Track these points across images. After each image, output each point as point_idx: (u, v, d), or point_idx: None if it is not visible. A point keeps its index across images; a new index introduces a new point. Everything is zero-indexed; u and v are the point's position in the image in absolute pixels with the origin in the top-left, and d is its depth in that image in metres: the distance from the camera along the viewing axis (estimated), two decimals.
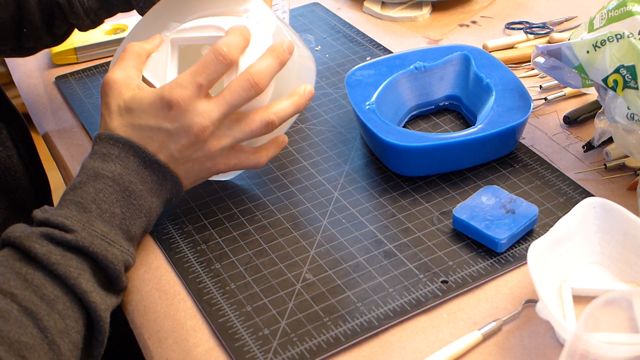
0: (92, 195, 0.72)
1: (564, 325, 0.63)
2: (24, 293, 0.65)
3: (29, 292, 0.66)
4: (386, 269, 0.76)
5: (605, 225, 0.73)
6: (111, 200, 0.73)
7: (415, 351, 0.68)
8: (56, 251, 0.68)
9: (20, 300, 0.65)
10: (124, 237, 0.73)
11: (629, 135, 0.79)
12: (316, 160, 0.91)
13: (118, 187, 0.73)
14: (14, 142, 0.93)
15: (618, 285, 0.71)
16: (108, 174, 0.73)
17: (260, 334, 0.70)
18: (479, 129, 0.85)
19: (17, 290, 0.65)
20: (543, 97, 0.97)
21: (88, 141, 0.99)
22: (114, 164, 0.74)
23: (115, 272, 0.71)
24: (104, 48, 1.15)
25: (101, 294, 0.70)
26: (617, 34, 0.77)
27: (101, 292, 0.70)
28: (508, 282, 0.74)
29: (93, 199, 0.72)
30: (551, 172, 0.86)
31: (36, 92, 1.10)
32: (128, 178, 0.74)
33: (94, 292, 0.69)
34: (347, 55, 1.10)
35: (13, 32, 0.92)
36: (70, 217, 0.70)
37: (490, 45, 1.08)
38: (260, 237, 0.80)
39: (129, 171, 0.74)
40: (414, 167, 0.86)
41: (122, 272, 0.72)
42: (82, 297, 0.68)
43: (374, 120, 0.87)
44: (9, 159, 0.92)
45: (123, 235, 0.73)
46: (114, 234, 0.72)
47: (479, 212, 0.78)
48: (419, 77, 0.95)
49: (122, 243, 0.72)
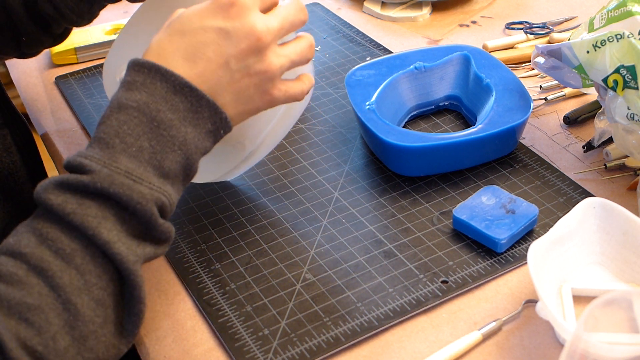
0: (114, 128, 0.63)
1: (564, 325, 0.63)
2: (35, 251, 0.59)
3: (41, 248, 0.60)
4: (386, 269, 0.76)
5: (605, 225, 0.73)
6: (137, 133, 0.63)
7: (415, 351, 0.68)
8: (72, 199, 0.61)
9: (29, 259, 0.59)
10: (155, 173, 0.63)
11: (629, 135, 0.79)
12: (316, 160, 0.91)
13: (144, 118, 0.64)
14: (18, 147, 0.93)
15: (618, 285, 0.71)
16: (132, 103, 0.64)
17: (260, 334, 0.70)
18: (479, 129, 0.85)
19: (28, 249, 0.59)
20: (543, 97, 0.97)
21: (88, 141, 0.98)
22: (139, 92, 0.64)
23: (145, 214, 0.62)
24: (104, 48, 1.15)
25: (129, 243, 0.61)
26: (617, 34, 0.77)
27: (129, 241, 0.62)
28: (508, 282, 0.74)
29: (116, 133, 0.63)
30: (551, 172, 0.86)
31: (36, 92, 1.10)
32: (155, 106, 0.64)
33: (118, 242, 0.61)
34: (347, 55, 1.10)
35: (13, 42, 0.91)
36: (89, 156, 0.62)
37: (490, 45, 1.08)
38: (260, 237, 0.80)
39: (155, 98, 0.64)
40: (414, 167, 0.86)
41: (155, 214, 0.62)
42: (105, 248, 0.60)
43: (374, 120, 0.87)
44: (12, 164, 0.92)
45: (155, 172, 0.63)
46: (142, 171, 0.62)
47: (479, 212, 0.78)
48: (419, 77, 0.95)
49: (153, 180, 0.63)
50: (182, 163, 0.65)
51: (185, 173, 0.66)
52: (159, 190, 0.63)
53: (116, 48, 0.85)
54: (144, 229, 0.63)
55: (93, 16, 0.92)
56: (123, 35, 0.86)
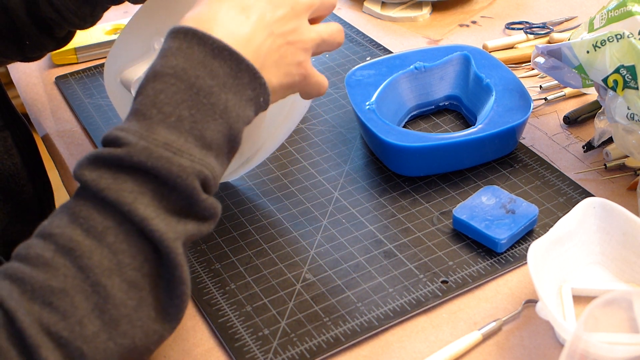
0: (151, 98, 0.59)
1: (564, 325, 0.63)
2: (65, 230, 0.56)
3: (72, 227, 0.56)
4: (386, 269, 0.76)
5: (605, 225, 0.73)
6: (175, 101, 0.59)
7: (415, 351, 0.68)
8: (107, 174, 0.57)
9: (58, 239, 0.56)
10: (197, 144, 0.59)
11: (629, 135, 0.79)
12: (316, 160, 0.91)
13: (182, 85, 0.59)
14: (19, 149, 0.93)
15: (618, 285, 0.71)
16: (169, 70, 0.60)
17: (260, 334, 0.70)
18: (479, 129, 0.85)
19: (59, 229, 0.56)
20: (543, 97, 0.97)
21: (88, 141, 0.99)
22: (175, 57, 0.60)
23: (186, 189, 0.57)
24: (104, 48, 1.15)
25: (168, 219, 0.57)
26: (617, 34, 0.77)
27: (168, 218, 0.57)
28: (508, 282, 0.74)
29: (152, 103, 0.59)
30: (551, 172, 0.86)
31: (36, 92, 1.10)
32: (193, 72, 0.60)
33: (156, 219, 0.56)
34: (347, 55, 1.10)
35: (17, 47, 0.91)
36: (125, 128, 0.58)
37: (490, 45, 1.08)
38: (260, 237, 0.80)
39: (193, 64, 0.60)
40: (414, 167, 0.86)
41: (197, 188, 0.58)
42: (141, 225, 0.56)
43: (374, 120, 0.87)
44: (13, 166, 0.92)
45: (196, 143, 0.59)
46: (182, 142, 0.58)
47: (479, 212, 0.78)
48: (419, 77, 0.95)
49: (194, 151, 0.58)
50: (224, 133, 0.60)
51: (229, 144, 0.61)
52: (201, 163, 0.58)
53: (117, 48, 0.85)
54: (185, 205, 0.58)
55: (96, 19, 0.92)
56: (124, 35, 0.86)
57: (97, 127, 0.99)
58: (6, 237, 0.90)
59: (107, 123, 1.00)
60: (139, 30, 0.83)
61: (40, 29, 0.89)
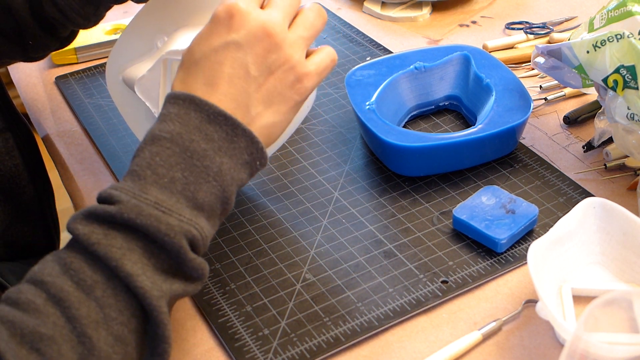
0: (147, 160, 0.61)
1: (564, 325, 0.63)
2: (56, 280, 0.57)
3: (63, 278, 0.58)
4: (386, 269, 0.76)
5: (605, 225, 0.73)
6: (169, 163, 0.61)
7: (415, 351, 0.68)
8: (99, 230, 0.59)
9: (49, 288, 0.57)
10: (188, 205, 0.61)
11: (629, 135, 0.79)
12: (316, 160, 0.91)
13: (177, 148, 0.62)
14: (20, 150, 0.94)
15: (618, 285, 0.71)
16: (165, 134, 0.62)
17: (260, 334, 0.70)
18: (479, 129, 0.85)
19: (50, 278, 0.57)
20: (543, 97, 0.97)
21: (88, 141, 0.99)
22: (172, 123, 0.63)
23: (173, 247, 0.59)
24: (104, 48, 1.15)
25: (154, 277, 0.59)
26: (617, 34, 0.77)
27: (154, 276, 0.59)
28: (508, 282, 0.74)
29: (148, 164, 0.61)
30: (551, 172, 0.86)
31: (36, 92, 1.10)
32: (188, 137, 0.62)
33: (142, 276, 0.58)
34: (347, 55, 1.10)
35: (20, 47, 0.91)
36: (120, 187, 0.60)
37: (490, 45, 1.08)
38: (260, 237, 0.80)
39: (189, 129, 0.62)
40: (414, 167, 0.86)
41: (184, 247, 0.59)
42: (127, 282, 0.57)
43: (374, 120, 0.87)
44: (15, 167, 0.92)
45: (187, 203, 0.61)
46: (173, 202, 0.60)
47: (479, 212, 0.78)
48: (419, 77, 0.95)
49: (184, 212, 0.60)
50: (217, 195, 0.62)
51: (222, 205, 0.63)
52: (190, 223, 0.60)
53: (119, 46, 0.85)
54: (173, 264, 0.60)
55: (99, 18, 0.92)
56: (127, 33, 0.86)
57: (97, 127, 1.00)
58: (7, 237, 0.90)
59: (107, 123, 1.00)
60: (141, 28, 0.83)
61: (43, 29, 0.89)
